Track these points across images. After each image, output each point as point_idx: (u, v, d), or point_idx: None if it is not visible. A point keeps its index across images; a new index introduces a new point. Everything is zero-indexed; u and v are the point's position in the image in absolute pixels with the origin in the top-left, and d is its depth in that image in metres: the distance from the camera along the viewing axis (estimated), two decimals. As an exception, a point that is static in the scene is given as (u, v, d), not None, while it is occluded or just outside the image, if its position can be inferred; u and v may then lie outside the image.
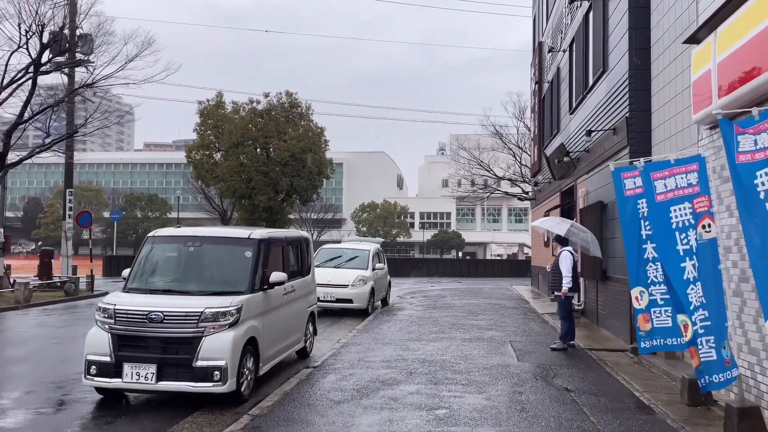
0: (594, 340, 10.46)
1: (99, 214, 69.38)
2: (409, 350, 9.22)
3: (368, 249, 15.39)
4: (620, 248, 10.46)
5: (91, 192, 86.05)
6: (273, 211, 31.82)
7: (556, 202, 17.09)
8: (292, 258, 8.48)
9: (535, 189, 21.90)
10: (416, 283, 28.37)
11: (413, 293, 20.80)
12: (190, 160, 32.84)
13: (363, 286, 14.08)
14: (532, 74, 22.72)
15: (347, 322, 13.08)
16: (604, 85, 11.58)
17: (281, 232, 8.29)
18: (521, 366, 8.13)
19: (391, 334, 10.92)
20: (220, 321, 6.25)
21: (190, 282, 6.92)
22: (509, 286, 24.75)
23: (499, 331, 11.33)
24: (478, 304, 16.57)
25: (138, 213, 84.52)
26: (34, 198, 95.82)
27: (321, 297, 13.67)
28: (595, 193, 12.27)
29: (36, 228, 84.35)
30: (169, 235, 7.33)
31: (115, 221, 26.88)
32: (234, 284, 6.80)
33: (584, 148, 13.03)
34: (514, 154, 36.19)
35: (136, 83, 19.31)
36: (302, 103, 33.45)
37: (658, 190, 5.70)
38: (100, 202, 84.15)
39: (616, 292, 10.70)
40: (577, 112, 14.24)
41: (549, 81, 18.84)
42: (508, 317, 13.52)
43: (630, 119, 9.86)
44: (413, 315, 13.81)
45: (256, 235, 7.20)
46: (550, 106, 18.55)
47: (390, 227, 74.43)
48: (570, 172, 15.05)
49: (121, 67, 18.82)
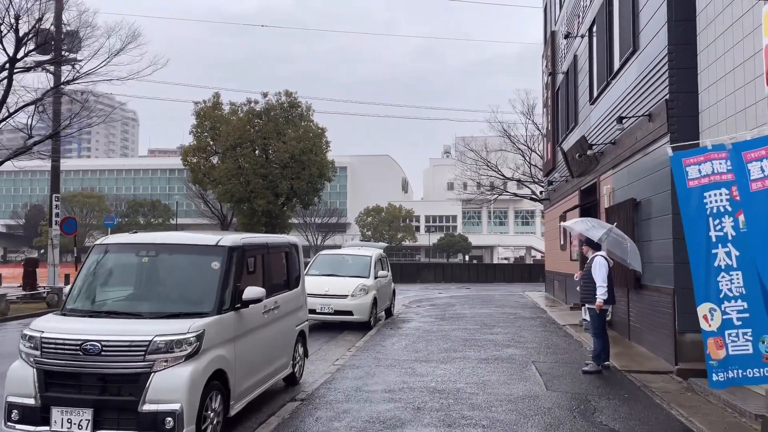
0: (630, 359, 9.04)
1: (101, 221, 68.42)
2: (416, 375, 7.84)
3: (370, 255, 14.02)
4: (658, 253, 9.07)
5: (93, 198, 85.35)
6: (272, 216, 30.53)
7: (575, 201, 15.69)
8: (275, 268, 7.13)
9: (549, 189, 20.49)
10: (423, 289, 26.97)
11: (420, 301, 19.42)
12: (186, 163, 31.62)
13: (364, 296, 12.71)
14: (543, 66, 21.35)
15: (347, 337, 11.72)
16: (635, 66, 10.20)
17: (261, 237, 6.94)
18: (551, 396, 6.73)
19: (395, 352, 9.55)
20: (174, 352, 4.90)
21: (141, 302, 5.57)
22: (521, 292, 23.31)
23: (518, 348, 9.92)
24: (491, 314, 15.16)
25: (141, 219, 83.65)
26: (36, 205, 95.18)
27: (318, 309, 12.34)
28: (624, 190, 10.87)
29: (38, 236, 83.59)
30: (119, 242, 5.98)
31: (109, 228, 25.53)
32: (196, 304, 5.45)
33: (610, 139, 11.64)
34: (523, 153, 34.79)
35: (120, 79, 18.00)
36: (302, 103, 32.22)
37: (753, 176, 4.29)
38: (102, 209, 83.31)
39: (653, 303, 9.28)
40: (600, 102, 12.85)
41: (564, 72, 17.46)
42: (526, 330, 12.11)
43: (670, 102, 8.47)
44: (420, 328, 12.42)
45: (226, 241, 5.85)
46: (565, 98, 17.16)
47: (395, 231, 73.07)
48: (591, 168, 13.65)
49: (105, 62, 17.58)
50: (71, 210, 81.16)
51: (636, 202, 10.01)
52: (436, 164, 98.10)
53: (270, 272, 6.84)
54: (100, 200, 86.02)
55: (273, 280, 6.95)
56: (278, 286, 7.14)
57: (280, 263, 7.32)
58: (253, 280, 6.34)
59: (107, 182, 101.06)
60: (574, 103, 15.82)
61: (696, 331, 8.21)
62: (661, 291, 8.91)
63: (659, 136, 8.84)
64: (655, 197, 9.14)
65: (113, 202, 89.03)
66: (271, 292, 6.75)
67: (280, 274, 7.31)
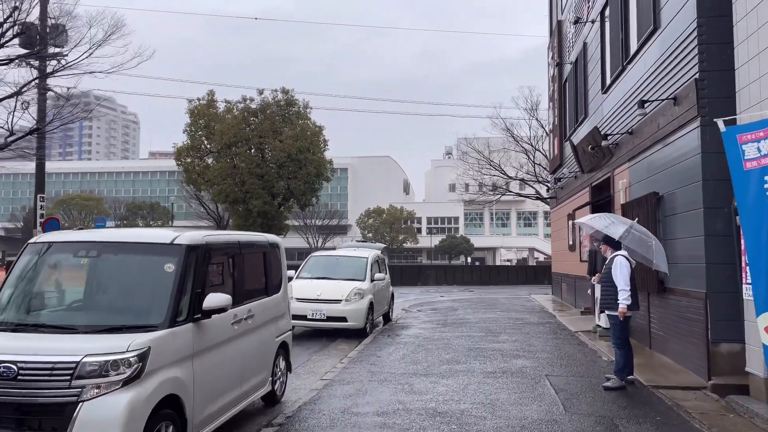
0: (655, 372, 8.05)
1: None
2: (413, 392, 6.86)
3: (366, 257, 13.04)
4: (685, 252, 8.09)
5: (92, 201, 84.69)
6: (269, 217, 29.56)
7: (585, 198, 14.70)
8: (250, 271, 6.17)
9: (556, 186, 19.51)
10: (423, 292, 25.98)
11: (420, 305, 18.43)
12: (179, 163, 30.68)
13: (359, 300, 11.74)
14: (549, 58, 20.38)
15: (340, 346, 10.75)
16: (655, 47, 9.23)
17: (232, 235, 5.97)
18: (573, 421, 5.75)
19: (391, 364, 8.57)
20: (109, 375, 3.93)
21: (76, 312, 4.62)
22: (527, 295, 22.31)
23: (529, 359, 8.93)
24: (497, 319, 14.17)
25: (140, 222, 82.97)
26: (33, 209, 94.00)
27: (309, 315, 11.38)
28: (643, 184, 9.89)
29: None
30: (54, 241, 5.01)
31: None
32: (144, 314, 4.49)
33: (626, 129, 10.66)
34: (526, 152, 33.81)
35: (103, 72, 17.01)
36: (299, 101, 31.26)
37: None
38: (101, 211, 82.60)
39: (680, 308, 8.30)
40: (613, 90, 11.88)
41: (572, 62, 16.49)
42: (535, 337, 11.12)
43: (701, 81, 7.50)
44: (420, 335, 11.44)
45: (184, 239, 4.89)
46: (574, 89, 16.19)
47: (396, 233, 72.12)
48: (604, 162, 12.68)
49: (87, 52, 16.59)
50: (69, 212, 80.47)
51: (658, 197, 9.03)
52: (437, 165, 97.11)
53: (243, 276, 5.87)
54: (99, 202, 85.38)
55: (247, 284, 5.99)
56: (254, 292, 6.18)
57: (256, 265, 6.35)
58: (221, 285, 5.39)
59: (107, 184, 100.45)
60: (583, 94, 14.85)
61: (732, 340, 7.27)
62: (689, 295, 7.93)
63: (687, 120, 7.86)
64: (681, 190, 8.16)
65: (112, 205, 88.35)
66: (243, 299, 5.80)
67: (256, 278, 6.34)
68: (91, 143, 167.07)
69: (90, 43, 16.59)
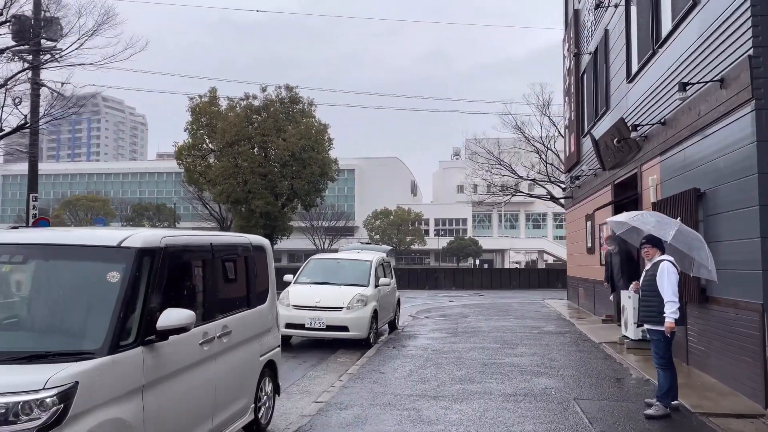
0: (701, 395, 6.99)
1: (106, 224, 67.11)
2: (422, 421, 5.85)
3: (370, 260, 12.04)
4: (734, 256, 7.02)
5: (98, 202, 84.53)
6: (271, 218, 28.64)
7: (607, 197, 13.64)
8: (226, 279, 5.19)
9: (572, 186, 18.44)
10: (432, 297, 24.95)
11: (429, 311, 17.42)
12: (180, 162, 29.84)
13: (362, 308, 10.74)
14: (565, 50, 19.33)
15: (340, 359, 9.76)
16: (695, 25, 8.18)
17: (202, 236, 4.99)
18: (615, 462, 4.72)
19: (396, 382, 7.57)
20: (18, 423, 2.96)
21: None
22: (541, 300, 21.23)
23: (552, 377, 7.90)
24: (511, 327, 13.13)
25: (146, 223, 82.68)
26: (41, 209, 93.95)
27: (307, 324, 10.41)
28: (679, 180, 8.83)
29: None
30: (-25, 243, 4.04)
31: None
32: (75, 338, 3.52)
33: (658, 119, 9.61)
34: (538, 151, 32.72)
35: (93, 64, 16.15)
36: (303, 99, 30.35)
37: None
38: (107, 213, 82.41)
39: (727, 321, 7.24)
40: (641, 77, 10.84)
41: (591, 52, 15.45)
42: (556, 350, 10.08)
43: (755, 59, 6.46)
44: (429, 347, 10.43)
45: (135, 240, 3.92)
46: (593, 80, 15.14)
47: (404, 234, 71.16)
48: (629, 158, 11.63)
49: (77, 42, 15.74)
50: (76, 213, 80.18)
51: (699, 194, 7.98)
52: (445, 167, 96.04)
53: (216, 285, 4.89)
54: (105, 203, 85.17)
55: (222, 295, 5.02)
56: (232, 304, 5.20)
57: (235, 272, 5.37)
58: (186, 297, 4.41)
59: (113, 186, 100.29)
60: (605, 85, 13.79)
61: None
62: (739, 306, 6.88)
63: (737, 105, 6.81)
64: (729, 185, 7.12)
65: (118, 206, 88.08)
66: (217, 313, 4.82)
67: (234, 287, 5.36)
68: (99, 144, 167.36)
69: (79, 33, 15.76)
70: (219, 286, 4.94)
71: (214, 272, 4.88)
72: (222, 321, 4.85)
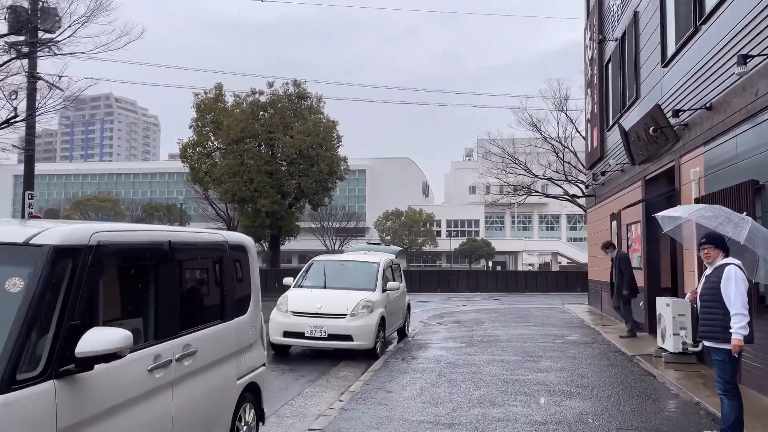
0: (763, 423, 5.88)
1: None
2: (434, 458, 4.81)
3: (377, 262, 11.01)
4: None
5: (109, 202, 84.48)
6: (278, 217, 27.70)
7: (636, 195, 12.50)
8: (191, 286, 4.19)
9: (595, 183, 17.29)
10: (444, 300, 23.86)
11: (441, 316, 16.35)
12: (184, 160, 29.01)
13: (368, 315, 9.70)
14: (587, 40, 18.19)
15: (343, 372, 8.74)
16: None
17: (156, 231, 3.97)
18: None
19: (405, 404, 6.53)
20: None
21: None
22: (560, 305, 20.07)
23: (586, 398, 6.82)
24: (532, 336, 12.03)
25: (156, 223, 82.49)
26: (51, 209, 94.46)
27: (307, 332, 9.41)
28: (730, 171, 7.72)
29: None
30: None
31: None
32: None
33: (702, 104, 8.50)
34: (555, 150, 31.53)
35: (85, 53, 15.29)
36: (312, 95, 29.39)
37: None
38: (117, 213, 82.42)
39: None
40: (679, 60, 9.72)
41: (617, 38, 14.31)
42: (585, 364, 8.98)
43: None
44: (442, 359, 9.37)
45: (50, 236, 2.92)
46: (620, 68, 14.00)
47: (415, 236, 70.12)
48: (664, 149, 10.50)
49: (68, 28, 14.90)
50: (86, 213, 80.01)
51: (758, 186, 6.87)
52: (457, 168, 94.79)
53: (174, 294, 3.88)
54: (115, 204, 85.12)
55: (184, 307, 4.00)
56: (198, 317, 4.20)
57: (204, 277, 4.37)
58: (128, 311, 3.42)
59: (124, 186, 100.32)
60: (634, 72, 12.66)
61: None
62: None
63: (813, 79, 5.71)
64: (799, 176, 6.02)
65: (129, 206, 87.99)
66: (176, 330, 3.82)
67: (202, 296, 4.36)
68: (113, 145, 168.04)
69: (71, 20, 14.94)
70: (180, 295, 3.93)
71: (173, 278, 3.87)
72: (183, 339, 3.85)
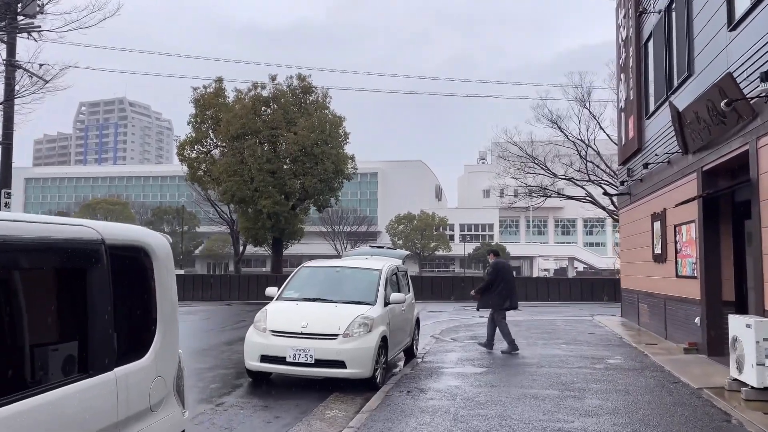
0: None
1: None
2: None
3: (378, 269, 9.08)
4: None
5: (118, 206, 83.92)
6: (280, 219, 25.89)
7: (690, 190, 10.48)
8: (8, 319, 2.32)
9: (631, 180, 15.26)
10: (458, 310, 21.87)
11: (456, 330, 14.40)
12: (181, 158, 27.36)
13: (366, 335, 7.78)
14: (620, 18, 16.20)
15: (329, 412, 6.82)
16: None
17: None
18: None
19: (407, 471, 4.61)
20: None
21: None
22: (589, 317, 18.00)
23: (663, 465, 4.84)
24: (565, 358, 10.04)
25: (165, 227, 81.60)
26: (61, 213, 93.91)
27: (289, 357, 7.53)
28: None
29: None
30: None
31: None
32: None
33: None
34: (576, 148, 29.48)
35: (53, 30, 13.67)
36: (317, 89, 27.61)
37: None
38: (126, 216, 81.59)
39: None
40: (756, 17, 7.74)
41: (662, 9, 12.34)
42: (643, 402, 6.99)
43: None
44: (458, 393, 7.43)
45: None
46: (665, 44, 12.01)
47: (428, 240, 68.15)
48: (733, 132, 8.50)
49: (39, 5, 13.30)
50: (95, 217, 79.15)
51: None
52: (471, 171, 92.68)
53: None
54: (125, 207, 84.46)
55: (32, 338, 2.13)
56: (20, 373, 2.33)
57: (38, 300, 2.50)
58: None
59: (134, 189, 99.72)
60: (686, 45, 10.67)
61: None
62: None
63: None
64: None
65: (139, 210, 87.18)
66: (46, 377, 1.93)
67: (35, 334, 2.48)
68: (126, 149, 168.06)
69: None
70: (21, 326, 2.07)
71: (20, 297, 2.01)
72: (58, 392, 1.98)
